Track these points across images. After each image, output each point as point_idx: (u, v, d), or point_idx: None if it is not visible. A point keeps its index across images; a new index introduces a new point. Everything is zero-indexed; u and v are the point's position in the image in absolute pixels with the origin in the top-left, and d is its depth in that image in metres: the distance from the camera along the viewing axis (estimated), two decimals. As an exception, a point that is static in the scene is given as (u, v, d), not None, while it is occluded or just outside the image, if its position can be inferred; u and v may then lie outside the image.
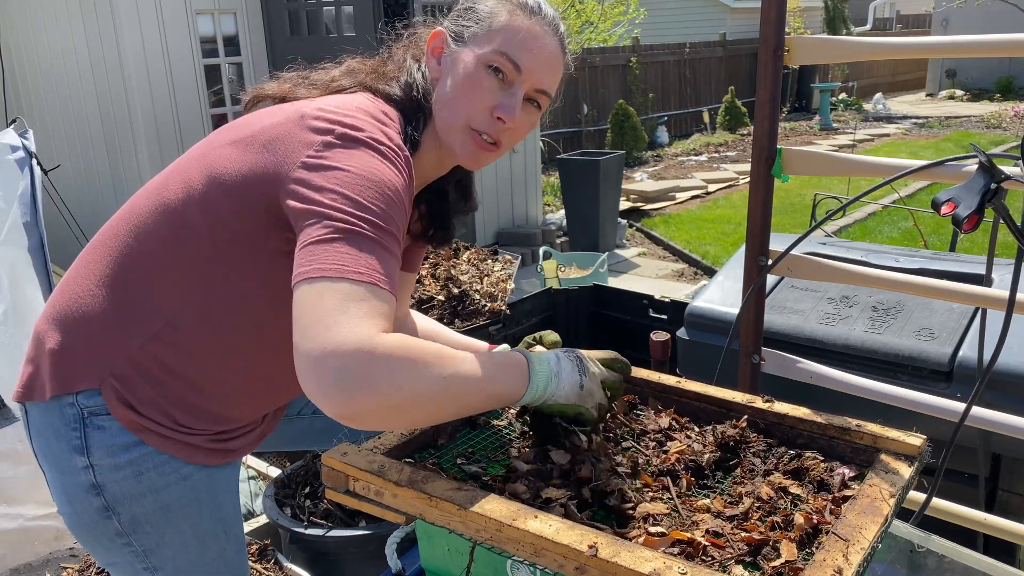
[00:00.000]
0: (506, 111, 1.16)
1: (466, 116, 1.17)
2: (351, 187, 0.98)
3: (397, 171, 1.04)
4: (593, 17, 8.73)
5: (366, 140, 1.04)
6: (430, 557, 1.09)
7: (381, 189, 1.00)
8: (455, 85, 1.17)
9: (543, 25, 1.18)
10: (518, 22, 1.16)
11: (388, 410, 0.92)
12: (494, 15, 1.17)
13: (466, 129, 1.18)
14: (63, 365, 1.12)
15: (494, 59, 1.15)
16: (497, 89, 1.16)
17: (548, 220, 7.11)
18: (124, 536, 1.15)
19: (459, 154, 1.20)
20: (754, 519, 0.98)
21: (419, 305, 2.94)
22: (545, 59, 1.18)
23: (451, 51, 1.19)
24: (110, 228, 1.17)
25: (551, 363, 1.10)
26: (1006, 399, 1.69)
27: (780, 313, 2.10)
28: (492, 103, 1.16)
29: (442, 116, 1.19)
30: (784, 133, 12.42)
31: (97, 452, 1.11)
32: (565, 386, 1.09)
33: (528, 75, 1.16)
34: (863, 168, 1.58)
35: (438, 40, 1.20)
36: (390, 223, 0.99)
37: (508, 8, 1.17)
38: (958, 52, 1.44)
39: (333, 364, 0.88)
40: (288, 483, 2.26)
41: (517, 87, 1.16)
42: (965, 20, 15.57)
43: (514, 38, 1.15)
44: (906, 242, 6.10)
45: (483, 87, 1.15)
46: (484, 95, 1.16)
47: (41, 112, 5.43)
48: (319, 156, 1.02)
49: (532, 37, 1.16)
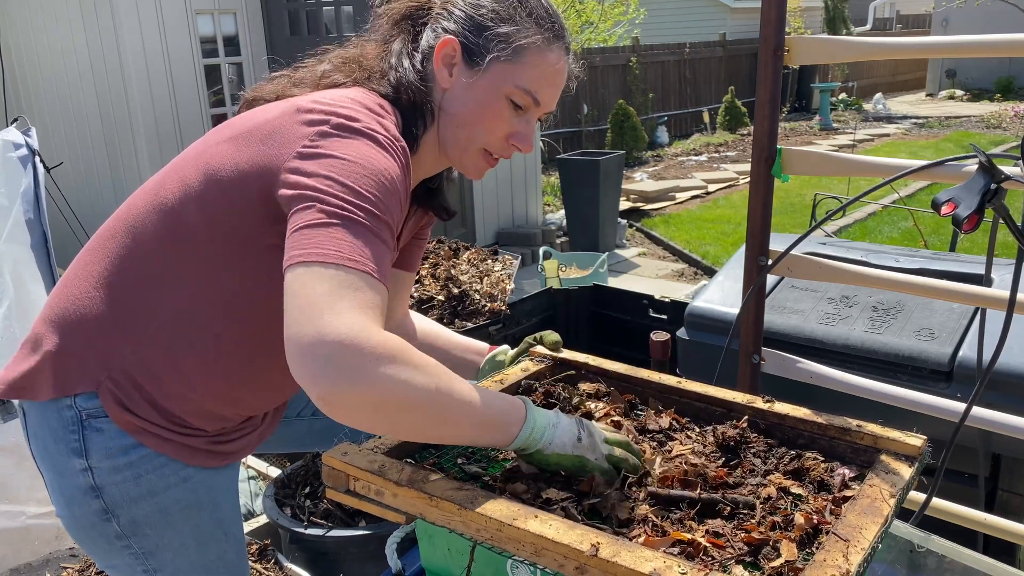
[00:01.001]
0: (523, 140, 1.21)
1: (484, 141, 1.20)
2: (346, 174, 0.97)
3: (394, 160, 1.03)
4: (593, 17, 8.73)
5: (362, 130, 1.03)
6: (430, 557, 1.09)
7: (377, 178, 0.99)
8: (475, 111, 1.18)
9: (561, 51, 1.19)
10: (544, 57, 1.17)
11: (371, 407, 0.90)
12: (513, 35, 1.15)
13: (480, 152, 1.22)
14: (61, 367, 1.12)
15: (516, 95, 1.17)
16: (513, 117, 1.19)
17: (548, 220, 7.11)
18: (124, 538, 1.15)
19: (466, 169, 1.24)
20: (754, 519, 0.98)
21: (419, 305, 2.94)
22: (560, 86, 1.22)
23: (467, 71, 1.17)
24: (108, 229, 1.17)
25: (551, 415, 1.08)
26: (1006, 399, 1.69)
27: (780, 313, 2.10)
28: (509, 131, 1.20)
29: (457, 136, 1.20)
30: (784, 133, 12.42)
31: (96, 454, 1.11)
32: (563, 434, 1.05)
33: (545, 107, 1.21)
34: (863, 168, 1.58)
35: (449, 49, 1.17)
36: (385, 212, 0.98)
37: (533, 35, 1.16)
38: (958, 52, 1.44)
39: (322, 352, 0.87)
40: (288, 483, 2.26)
41: (532, 114, 1.21)
42: (965, 20, 15.57)
43: (538, 74, 1.17)
44: (906, 242, 6.10)
45: (503, 118, 1.18)
46: (503, 125, 1.19)
47: (41, 112, 5.43)
48: (314, 145, 1.01)
49: (555, 72, 1.19)
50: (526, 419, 1.04)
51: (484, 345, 1.50)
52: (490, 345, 1.50)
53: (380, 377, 0.89)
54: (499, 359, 1.45)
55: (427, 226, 1.47)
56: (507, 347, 1.48)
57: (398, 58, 1.19)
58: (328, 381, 0.87)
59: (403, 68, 1.18)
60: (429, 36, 1.19)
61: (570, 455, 1.05)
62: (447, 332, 1.52)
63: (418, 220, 1.42)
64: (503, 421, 1.02)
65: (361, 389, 0.88)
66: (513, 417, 1.03)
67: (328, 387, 0.87)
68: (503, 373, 1.36)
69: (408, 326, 1.49)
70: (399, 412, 0.93)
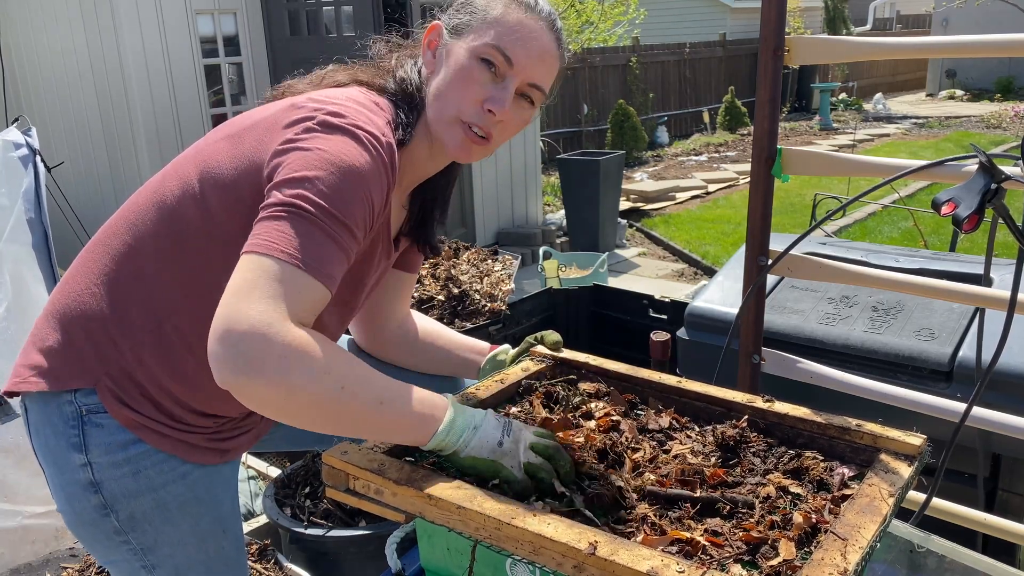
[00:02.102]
0: (496, 104, 1.15)
1: (457, 108, 1.16)
2: (310, 168, 0.98)
3: (370, 157, 1.03)
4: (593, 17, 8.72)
5: (344, 126, 1.04)
6: (430, 556, 1.09)
7: (344, 174, 0.99)
8: (447, 77, 1.17)
9: (538, 20, 1.17)
10: (512, 16, 1.16)
11: (273, 400, 0.91)
12: (489, 8, 1.17)
13: (456, 121, 1.17)
14: (61, 363, 1.12)
15: (486, 52, 1.14)
16: (489, 82, 1.15)
17: (548, 220, 7.11)
18: (122, 534, 1.15)
19: (449, 146, 1.19)
20: (753, 518, 0.98)
21: (419, 305, 2.94)
22: (538, 54, 1.17)
23: (445, 43, 1.19)
24: (109, 227, 1.17)
25: (476, 417, 1.07)
26: (1006, 399, 1.69)
27: (780, 313, 2.10)
28: (483, 96, 1.15)
29: (433, 108, 1.19)
30: (784, 133, 12.42)
31: (95, 450, 1.12)
32: (482, 437, 1.05)
33: (520, 69, 1.16)
34: (863, 168, 1.58)
35: (434, 33, 1.20)
36: (342, 210, 0.98)
37: (504, 2, 1.17)
38: (958, 52, 1.44)
39: (229, 338, 0.89)
40: (288, 483, 2.26)
41: (509, 81, 1.16)
42: (965, 20, 15.57)
43: (507, 31, 1.15)
44: (906, 242, 6.10)
45: (475, 79, 1.15)
46: (475, 88, 1.15)
47: (41, 112, 5.43)
48: (295, 139, 1.03)
49: (526, 31, 1.16)
50: (444, 421, 1.04)
51: (485, 345, 1.50)
52: (491, 345, 1.50)
53: (278, 373, 0.89)
54: (500, 358, 1.45)
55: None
56: (508, 347, 1.48)
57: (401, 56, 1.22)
58: (229, 368, 0.89)
59: (404, 66, 1.21)
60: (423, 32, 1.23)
61: (485, 459, 1.04)
62: (448, 332, 1.52)
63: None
64: (415, 423, 1.02)
65: (260, 381, 0.89)
66: (428, 419, 1.03)
67: (229, 374, 0.89)
68: (504, 373, 1.37)
69: (409, 326, 1.49)
70: (299, 409, 0.94)
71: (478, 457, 1.04)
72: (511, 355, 1.45)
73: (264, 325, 0.89)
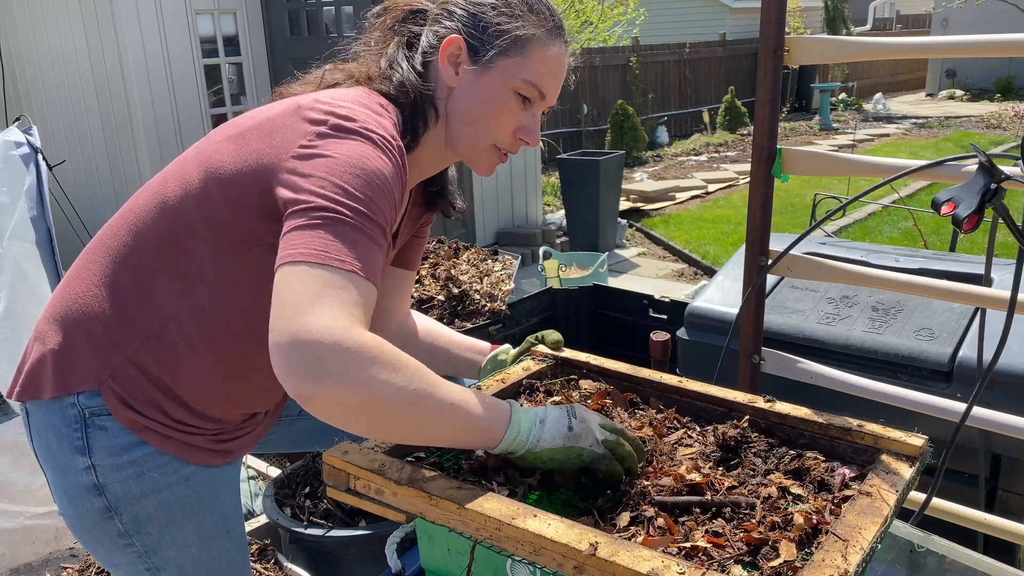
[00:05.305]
0: (530, 135, 1.22)
1: (493, 138, 1.21)
2: (338, 174, 0.98)
3: (388, 160, 1.03)
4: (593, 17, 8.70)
5: (358, 130, 1.03)
6: (430, 557, 1.09)
7: (369, 178, 0.99)
8: (482, 107, 1.18)
9: (563, 45, 1.21)
10: (547, 50, 1.18)
11: (348, 407, 0.90)
12: (523, 38, 1.17)
13: (491, 149, 1.23)
14: (64, 366, 1.12)
15: (523, 88, 1.18)
16: (520, 111, 1.20)
17: (548, 220, 7.10)
18: (126, 536, 1.15)
19: (479, 167, 1.25)
20: (754, 519, 0.98)
21: (419, 305, 2.94)
22: (561, 79, 1.23)
23: (473, 69, 1.17)
24: (110, 228, 1.17)
25: (538, 412, 1.07)
26: (1006, 399, 1.69)
27: (780, 313, 2.10)
28: (516, 125, 1.21)
29: (465, 133, 1.21)
30: (784, 133, 12.42)
31: (99, 452, 1.11)
32: (551, 428, 1.04)
33: (550, 99, 1.22)
34: (863, 168, 1.58)
35: (455, 48, 1.17)
36: (376, 212, 0.99)
37: (535, 30, 1.17)
38: (958, 52, 1.44)
39: (302, 349, 0.88)
40: (288, 483, 2.26)
41: (537, 108, 1.22)
42: (965, 20, 15.57)
43: (541, 63, 1.18)
44: (906, 242, 6.10)
45: (510, 112, 1.19)
46: (510, 119, 1.20)
47: (42, 112, 5.43)
48: (311, 146, 1.02)
49: (556, 64, 1.20)
50: (510, 422, 1.04)
51: (486, 344, 1.50)
52: (492, 344, 1.50)
53: (358, 377, 0.89)
54: (501, 358, 1.45)
55: (427, 224, 1.47)
56: (509, 346, 1.48)
57: (396, 60, 1.20)
58: (306, 378, 0.88)
59: (402, 69, 1.18)
60: (429, 37, 1.20)
61: (562, 447, 1.04)
62: (449, 331, 1.52)
63: (417, 218, 1.42)
64: (486, 425, 1.02)
65: (338, 388, 0.88)
66: (497, 421, 1.03)
67: (305, 385, 0.88)
68: (505, 372, 1.37)
69: (409, 325, 1.49)
70: (376, 413, 0.93)
71: (555, 447, 1.04)
72: (512, 355, 1.45)
73: (340, 330, 0.89)
